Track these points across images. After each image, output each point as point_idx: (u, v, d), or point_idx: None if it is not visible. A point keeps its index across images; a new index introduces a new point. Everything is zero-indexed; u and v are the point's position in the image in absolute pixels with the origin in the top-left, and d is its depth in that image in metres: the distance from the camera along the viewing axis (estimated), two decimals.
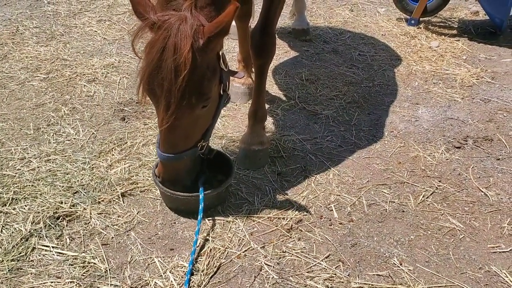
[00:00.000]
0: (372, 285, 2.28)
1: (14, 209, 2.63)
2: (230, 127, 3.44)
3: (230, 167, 2.74)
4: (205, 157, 2.58)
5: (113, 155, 3.08)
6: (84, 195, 2.75)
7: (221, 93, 2.43)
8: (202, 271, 2.29)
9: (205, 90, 2.22)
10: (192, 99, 2.17)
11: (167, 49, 2.07)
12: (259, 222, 2.62)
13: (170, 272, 2.30)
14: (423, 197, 2.83)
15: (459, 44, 4.77)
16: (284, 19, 5.16)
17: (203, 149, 2.49)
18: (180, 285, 2.22)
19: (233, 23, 4.45)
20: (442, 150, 3.23)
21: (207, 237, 2.50)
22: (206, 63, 2.19)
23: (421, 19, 5.20)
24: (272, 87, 3.97)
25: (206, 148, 2.53)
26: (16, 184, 2.80)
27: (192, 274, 2.28)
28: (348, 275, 2.33)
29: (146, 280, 2.26)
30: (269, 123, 3.44)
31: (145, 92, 2.25)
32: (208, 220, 2.62)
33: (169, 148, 2.37)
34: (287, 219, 2.62)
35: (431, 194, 2.85)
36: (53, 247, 2.41)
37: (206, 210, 2.54)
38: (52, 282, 2.24)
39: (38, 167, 2.95)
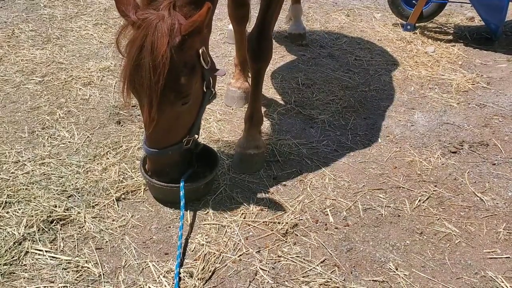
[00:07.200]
0: None
1: (7, 212, 2.60)
2: (226, 131, 3.43)
3: (215, 165, 2.79)
4: (193, 152, 2.67)
5: (108, 158, 3.07)
6: (78, 198, 2.73)
7: (205, 90, 2.46)
8: (197, 275, 2.28)
9: (184, 87, 2.27)
10: (172, 96, 2.24)
11: (145, 48, 2.13)
12: (254, 226, 2.61)
13: (164, 276, 2.28)
14: (418, 201, 2.83)
15: (454, 50, 4.79)
16: (281, 24, 5.16)
17: (189, 144, 2.56)
18: None
19: (230, 27, 4.49)
20: (438, 155, 3.23)
21: (202, 242, 2.48)
22: (184, 60, 2.24)
23: (417, 24, 5.22)
24: (268, 91, 3.96)
25: (192, 143, 2.59)
26: (10, 187, 2.77)
27: (180, 278, 2.27)
28: (344, 280, 2.31)
29: (140, 285, 2.24)
30: (265, 127, 3.43)
31: (129, 90, 2.31)
32: (203, 224, 2.60)
33: (154, 143, 2.46)
34: (282, 223, 2.61)
35: (427, 199, 2.85)
36: (46, 251, 2.39)
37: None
38: (45, 286, 2.21)
39: (32, 170, 2.93)
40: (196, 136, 2.66)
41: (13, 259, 2.34)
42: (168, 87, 2.19)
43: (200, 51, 2.34)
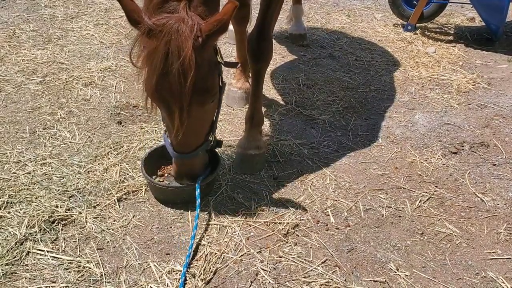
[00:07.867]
0: None
1: (9, 212, 2.61)
2: (227, 131, 3.43)
3: (216, 166, 2.80)
4: (214, 148, 2.74)
5: (109, 159, 3.07)
6: (79, 199, 2.73)
7: (220, 84, 2.49)
8: (199, 276, 2.28)
9: (211, 86, 2.30)
10: (202, 97, 2.24)
11: (171, 54, 2.07)
12: (255, 227, 2.61)
13: (165, 276, 2.28)
14: (419, 202, 2.83)
15: (455, 50, 4.79)
16: (281, 24, 5.17)
17: (213, 142, 2.62)
18: None
19: (231, 27, 4.49)
20: (439, 156, 3.23)
21: (203, 242, 2.49)
22: (208, 59, 2.25)
23: (417, 25, 5.22)
24: (269, 91, 3.97)
25: (214, 140, 2.66)
26: (11, 187, 2.78)
27: (185, 279, 2.27)
28: (345, 280, 2.32)
29: (141, 285, 2.24)
30: (266, 127, 3.44)
31: (153, 100, 2.27)
32: (204, 224, 2.61)
33: (184, 148, 2.46)
34: (283, 224, 2.62)
35: (427, 200, 2.85)
36: (48, 251, 2.40)
37: (181, 203, 2.67)
38: (46, 286, 2.22)
39: (33, 170, 2.93)
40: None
41: (15, 259, 2.34)
42: (198, 88, 2.17)
43: (217, 47, 2.37)
